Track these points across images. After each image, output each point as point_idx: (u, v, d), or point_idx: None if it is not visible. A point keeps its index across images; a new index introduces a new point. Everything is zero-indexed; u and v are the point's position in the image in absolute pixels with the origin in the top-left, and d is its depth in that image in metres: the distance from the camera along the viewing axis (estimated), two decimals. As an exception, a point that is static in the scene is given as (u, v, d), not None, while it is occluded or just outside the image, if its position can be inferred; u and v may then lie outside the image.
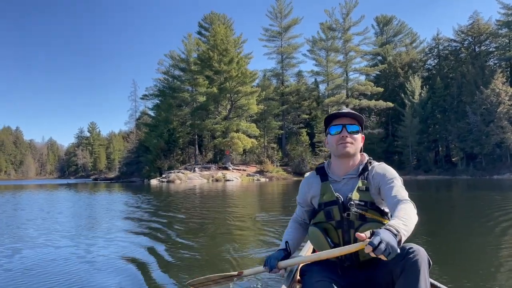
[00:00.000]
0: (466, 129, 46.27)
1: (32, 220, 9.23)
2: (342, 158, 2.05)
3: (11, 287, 3.81)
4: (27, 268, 4.52)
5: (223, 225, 7.81)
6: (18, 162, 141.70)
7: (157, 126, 55.30)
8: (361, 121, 2.08)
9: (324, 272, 1.87)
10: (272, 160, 54.90)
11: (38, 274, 4.22)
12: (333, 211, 1.95)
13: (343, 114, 2.05)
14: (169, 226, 7.69)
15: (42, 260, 4.90)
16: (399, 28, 67.38)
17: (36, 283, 3.88)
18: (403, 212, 1.69)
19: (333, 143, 2.05)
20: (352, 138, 2.02)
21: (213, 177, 45.30)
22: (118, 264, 4.63)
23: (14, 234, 7.12)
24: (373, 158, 2.17)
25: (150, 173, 49.19)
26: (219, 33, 50.07)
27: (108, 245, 5.84)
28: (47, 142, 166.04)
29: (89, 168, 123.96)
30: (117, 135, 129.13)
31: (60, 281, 3.94)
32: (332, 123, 2.08)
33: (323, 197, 2.02)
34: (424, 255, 1.69)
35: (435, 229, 6.95)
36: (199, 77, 53.39)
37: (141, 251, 5.33)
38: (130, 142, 79.94)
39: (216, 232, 6.93)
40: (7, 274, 4.28)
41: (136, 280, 3.91)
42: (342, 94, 58.38)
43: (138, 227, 7.94)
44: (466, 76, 48.98)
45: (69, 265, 4.61)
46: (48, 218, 9.62)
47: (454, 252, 5.09)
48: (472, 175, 43.38)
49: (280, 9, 62.04)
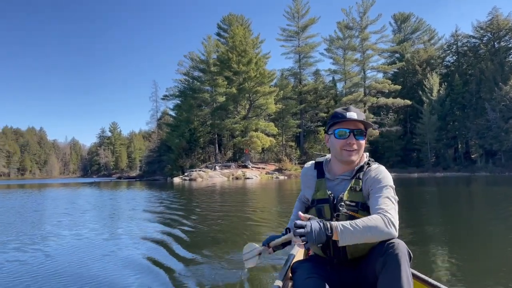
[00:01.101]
0: (485, 126, 46.25)
1: (86, 212, 10.56)
2: (344, 163, 2.03)
3: (40, 276, 4.27)
4: (57, 257, 5.14)
5: (244, 215, 8.97)
6: (42, 162, 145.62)
7: (179, 126, 56.94)
8: (367, 125, 2.03)
9: (314, 269, 1.91)
10: (290, 158, 55.84)
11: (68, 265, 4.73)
12: (324, 209, 1.97)
13: (352, 119, 1.97)
14: (199, 216, 8.88)
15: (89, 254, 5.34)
16: (417, 25, 67.09)
17: (65, 273, 4.33)
18: (366, 220, 1.73)
19: (337, 147, 2.00)
20: (358, 145, 1.98)
21: (233, 175, 46.49)
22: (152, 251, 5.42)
23: (78, 225, 8.42)
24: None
25: (173, 172, 50.88)
26: (237, 35, 51.25)
27: (146, 231, 7.07)
28: (70, 142, 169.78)
29: (111, 167, 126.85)
30: (138, 134, 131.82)
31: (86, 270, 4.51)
32: (339, 124, 2.00)
33: (317, 193, 2.04)
34: (404, 248, 1.72)
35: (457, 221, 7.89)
36: (219, 78, 54.69)
37: (177, 236, 6.55)
38: (152, 141, 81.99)
39: (239, 220, 8.06)
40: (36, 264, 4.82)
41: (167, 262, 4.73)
42: (359, 92, 58.76)
43: (175, 216, 9.16)
44: (485, 72, 48.82)
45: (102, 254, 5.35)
46: (95, 212, 10.94)
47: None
48: (491, 172, 43.35)
49: (297, 9, 62.75)
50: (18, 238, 6.77)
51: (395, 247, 1.70)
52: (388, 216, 1.76)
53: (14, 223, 9.00)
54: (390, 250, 1.70)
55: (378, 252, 1.74)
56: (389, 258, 1.69)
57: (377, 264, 1.74)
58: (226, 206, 12.07)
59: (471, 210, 10.48)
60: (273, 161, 56.27)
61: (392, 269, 1.67)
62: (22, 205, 14.25)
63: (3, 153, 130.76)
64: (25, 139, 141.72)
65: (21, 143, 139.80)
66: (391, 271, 1.67)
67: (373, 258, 1.78)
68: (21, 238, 6.75)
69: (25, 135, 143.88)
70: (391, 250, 1.70)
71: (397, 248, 1.70)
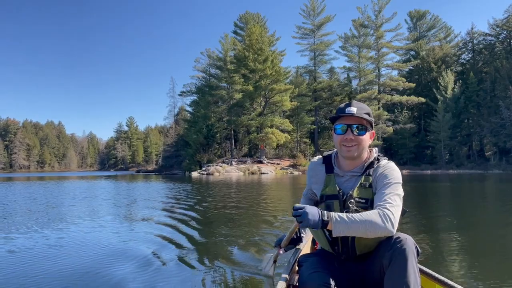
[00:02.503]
0: (499, 124, 46.60)
1: (117, 203, 12.01)
2: (346, 159, 2.03)
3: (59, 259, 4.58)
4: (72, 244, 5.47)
5: (260, 206, 10.27)
6: (61, 155, 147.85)
7: (197, 122, 58.67)
8: (369, 120, 2.00)
9: (321, 263, 1.91)
10: (304, 154, 57.05)
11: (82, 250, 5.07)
12: (334, 206, 1.95)
13: (350, 114, 1.96)
14: (217, 206, 10.24)
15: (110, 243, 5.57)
16: (432, 23, 67.17)
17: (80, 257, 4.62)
18: (364, 214, 1.76)
19: (337, 143, 2.02)
20: (357, 140, 1.96)
21: (249, 170, 47.86)
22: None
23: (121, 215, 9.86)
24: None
25: (191, 166, 52.69)
26: (254, 33, 52.47)
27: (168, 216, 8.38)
28: (87, 136, 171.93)
29: (128, 161, 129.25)
30: (154, 129, 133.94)
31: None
32: (338, 120, 2.02)
33: (326, 189, 2.02)
34: (412, 243, 1.72)
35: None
36: (235, 75, 56.11)
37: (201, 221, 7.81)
38: (169, 136, 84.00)
39: (256, 210, 9.38)
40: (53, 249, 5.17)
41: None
42: (374, 89, 59.48)
43: (196, 207, 10.52)
44: (500, 71, 49.04)
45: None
46: (126, 201, 12.39)
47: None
48: (505, 169, 43.77)
49: (313, 7, 63.61)
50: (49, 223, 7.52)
51: (402, 242, 1.71)
52: (386, 212, 1.76)
53: (46, 211, 9.91)
54: (398, 245, 1.71)
55: (386, 247, 1.76)
56: (396, 253, 1.70)
57: (384, 259, 1.75)
58: (247, 195, 13.44)
59: (482, 204, 11.25)
60: (288, 157, 57.56)
61: (399, 264, 1.68)
62: (59, 194, 15.72)
63: (23, 146, 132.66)
64: (45, 133, 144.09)
65: (40, 136, 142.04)
66: (398, 266, 1.68)
67: (380, 253, 1.80)
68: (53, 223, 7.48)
69: (44, 128, 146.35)
70: (398, 245, 1.71)
71: (404, 243, 1.71)
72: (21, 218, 8.46)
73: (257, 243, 5.36)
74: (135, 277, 3.75)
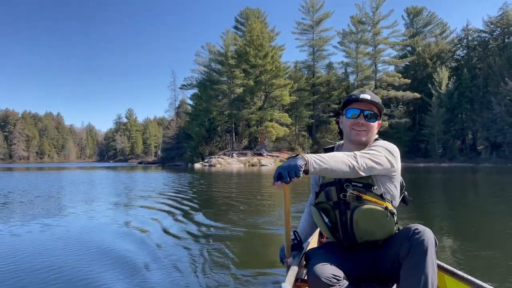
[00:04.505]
0: (490, 119, 48.36)
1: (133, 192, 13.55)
2: (354, 144, 2.04)
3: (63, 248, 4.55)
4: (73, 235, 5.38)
5: (262, 196, 11.33)
6: (60, 146, 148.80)
7: (198, 115, 60.34)
8: (380, 109, 2.05)
9: (328, 255, 1.90)
10: (303, 147, 58.70)
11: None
12: (331, 192, 1.96)
13: (363, 99, 1.99)
14: (227, 195, 11.84)
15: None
16: (429, 19, 68.45)
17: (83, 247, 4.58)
18: (332, 154, 1.76)
19: (347, 127, 2.04)
20: (368, 126, 2.00)
21: (249, 162, 49.38)
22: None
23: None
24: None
25: (193, 158, 54.52)
26: (254, 29, 53.80)
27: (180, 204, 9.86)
28: (86, 127, 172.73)
29: (127, 153, 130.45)
30: (153, 121, 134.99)
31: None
32: (351, 105, 2.05)
33: (325, 178, 2.02)
34: (431, 235, 1.68)
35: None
36: (236, 70, 57.55)
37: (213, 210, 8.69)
38: (170, 129, 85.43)
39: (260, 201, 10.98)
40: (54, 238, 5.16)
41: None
42: (370, 84, 61.04)
43: (206, 194, 12.02)
44: (493, 67, 50.61)
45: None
46: (143, 190, 13.91)
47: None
48: (495, 163, 45.46)
49: (312, 3, 64.84)
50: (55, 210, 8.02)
51: (422, 233, 1.68)
52: (357, 154, 1.80)
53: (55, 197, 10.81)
54: (417, 236, 1.67)
55: (404, 238, 1.73)
56: (415, 244, 1.66)
57: (401, 249, 1.71)
58: (250, 184, 15.02)
59: (470, 193, 12.35)
60: (287, 149, 59.23)
61: (418, 256, 1.64)
62: (70, 182, 17.21)
63: (22, 137, 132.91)
64: (44, 124, 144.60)
65: (39, 127, 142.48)
66: (417, 257, 1.64)
67: (397, 243, 1.76)
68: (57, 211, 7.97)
69: (43, 120, 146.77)
70: (417, 235, 1.68)
71: (424, 234, 1.67)
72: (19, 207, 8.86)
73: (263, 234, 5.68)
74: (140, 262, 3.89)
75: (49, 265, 3.76)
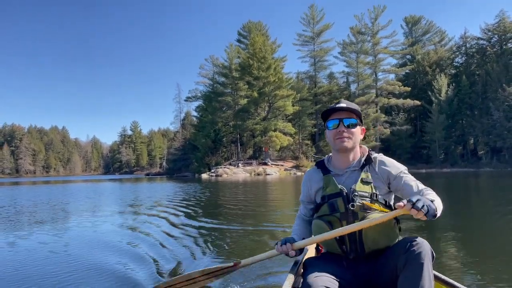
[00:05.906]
0: (490, 125, 49.39)
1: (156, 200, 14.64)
2: (341, 152, 2.06)
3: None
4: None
5: (272, 197, 12.74)
6: (65, 160, 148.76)
7: (204, 127, 61.77)
8: (358, 114, 2.06)
9: (326, 266, 1.86)
10: (306, 155, 59.81)
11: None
12: (338, 203, 1.94)
13: (339, 108, 2.03)
14: (236, 202, 12.93)
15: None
16: (427, 28, 69.96)
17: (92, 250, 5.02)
18: (431, 196, 1.75)
19: (331, 138, 2.06)
20: (350, 133, 2.02)
21: (255, 172, 50.54)
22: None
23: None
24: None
25: (200, 168, 55.77)
26: (257, 42, 55.37)
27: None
28: (91, 140, 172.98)
29: (132, 165, 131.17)
30: (157, 132, 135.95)
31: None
32: (330, 117, 2.08)
33: (327, 189, 2.01)
34: (428, 247, 1.69)
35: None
36: (240, 82, 59.10)
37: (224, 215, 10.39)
38: (176, 140, 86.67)
39: (267, 205, 11.99)
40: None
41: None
42: (371, 93, 62.32)
43: (218, 202, 13.11)
44: (491, 73, 51.76)
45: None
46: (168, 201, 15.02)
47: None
48: (495, 167, 46.37)
49: (312, 15, 66.57)
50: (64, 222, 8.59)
51: (419, 245, 1.69)
52: (425, 190, 1.86)
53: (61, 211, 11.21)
54: (414, 248, 1.68)
55: (400, 249, 1.74)
56: (412, 256, 1.67)
57: (399, 261, 1.72)
58: (258, 193, 16.04)
59: (472, 197, 12.64)
60: (291, 158, 60.37)
61: (415, 268, 1.65)
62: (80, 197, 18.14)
63: (29, 152, 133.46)
64: (49, 138, 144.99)
65: (45, 141, 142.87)
66: (414, 269, 1.65)
67: (394, 255, 1.76)
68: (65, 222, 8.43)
69: (49, 133, 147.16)
70: (415, 247, 1.69)
71: (421, 246, 1.69)
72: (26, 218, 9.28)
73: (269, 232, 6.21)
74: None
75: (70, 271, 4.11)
